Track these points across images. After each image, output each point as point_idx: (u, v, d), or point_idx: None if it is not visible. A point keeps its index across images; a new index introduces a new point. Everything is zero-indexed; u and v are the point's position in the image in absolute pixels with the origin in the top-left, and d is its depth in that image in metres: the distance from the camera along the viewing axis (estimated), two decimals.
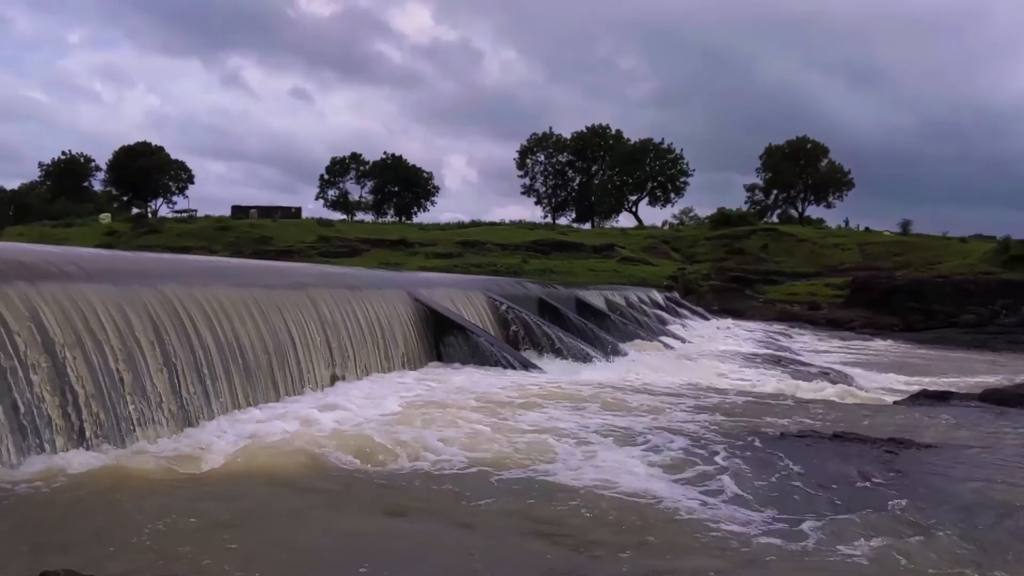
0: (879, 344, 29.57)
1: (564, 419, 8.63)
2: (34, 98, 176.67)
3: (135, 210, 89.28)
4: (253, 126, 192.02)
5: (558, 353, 15.04)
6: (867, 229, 72.99)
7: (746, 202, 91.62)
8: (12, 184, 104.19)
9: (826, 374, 15.30)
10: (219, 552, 4.29)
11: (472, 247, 61.18)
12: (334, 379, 10.35)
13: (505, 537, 4.89)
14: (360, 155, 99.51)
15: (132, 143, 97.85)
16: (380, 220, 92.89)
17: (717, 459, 6.97)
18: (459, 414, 8.56)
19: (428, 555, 4.60)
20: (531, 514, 5.32)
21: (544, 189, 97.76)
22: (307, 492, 5.68)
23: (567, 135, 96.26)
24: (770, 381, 14.02)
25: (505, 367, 12.74)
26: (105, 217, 76.85)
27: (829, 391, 12.66)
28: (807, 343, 28.25)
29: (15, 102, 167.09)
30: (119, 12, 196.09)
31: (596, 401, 10.03)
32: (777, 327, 35.91)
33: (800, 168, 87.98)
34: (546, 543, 4.77)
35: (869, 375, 16.82)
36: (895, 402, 11.71)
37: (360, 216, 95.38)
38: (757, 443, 7.68)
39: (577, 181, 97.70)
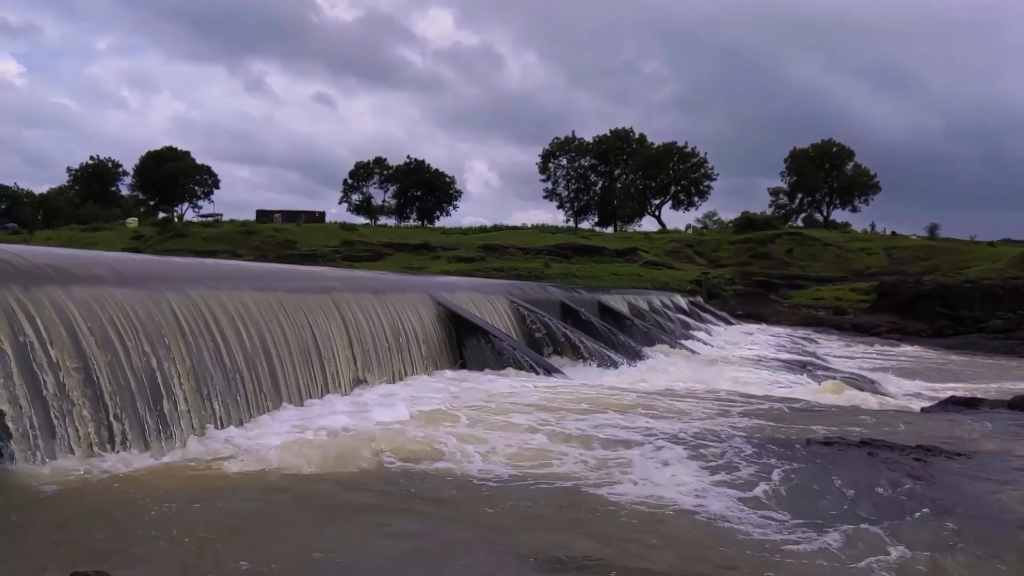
0: (906, 350, 29.24)
1: (590, 424, 8.59)
2: (63, 104, 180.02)
3: (161, 214, 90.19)
4: (277, 131, 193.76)
5: (581, 358, 14.99)
6: (893, 233, 72.31)
7: (770, 206, 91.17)
8: (41, 189, 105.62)
9: (852, 380, 15.12)
10: (248, 555, 4.31)
11: (494, 251, 61.25)
12: (358, 382, 10.40)
13: (536, 544, 4.87)
14: (384, 160, 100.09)
15: (158, 148, 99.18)
16: (403, 224, 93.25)
17: (742, 466, 6.90)
18: (487, 418, 8.56)
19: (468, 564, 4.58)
20: (554, 516, 5.31)
21: (566, 193, 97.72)
22: (335, 495, 5.68)
23: (589, 139, 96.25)
24: (796, 387, 13.90)
25: (528, 372, 12.71)
26: (132, 221, 77.77)
27: (855, 397, 12.52)
28: (833, 348, 27.97)
29: (44, 108, 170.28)
30: (146, 19, 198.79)
31: (619, 406, 9.99)
32: (802, 332, 35.60)
33: (825, 171, 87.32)
34: (568, 547, 4.75)
35: (896, 381, 16.62)
36: (923, 409, 11.56)
37: (383, 220, 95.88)
38: (783, 450, 7.60)
39: (599, 185, 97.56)
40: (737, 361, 18.52)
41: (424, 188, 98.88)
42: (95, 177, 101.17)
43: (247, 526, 4.81)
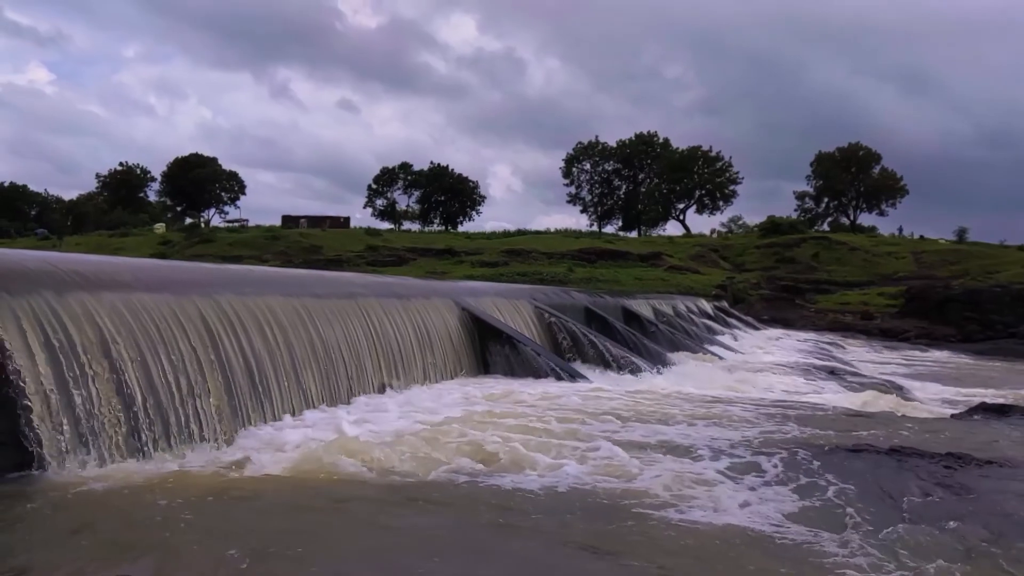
0: (935, 355, 28.88)
1: (618, 431, 8.56)
2: (91, 111, 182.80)
3: (188, 220, 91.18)
4: (302, 137, 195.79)
5: (605, 364, 14.92)
6: (921, 237, 71.53)
7: (796, 210, 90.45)
8: (70, 195, 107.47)
9: (881, 386, 14.96)
10: (280, 560, 4.33)
11: (517, 256, 61.28)
12: (383, 387, 10.45)
13: (560, 549, 4.86)
14: (410, 165, 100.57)
15: (186, 155, 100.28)
16: (426, 229, 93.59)
17: (769, 473, 6.85)
18: (514, 423, 8.56)
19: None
20: (583, 526, 5.29)
21: (590, 197, 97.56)
22: (364, 500, 5.69)
23: (612, 144, 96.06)
24: (823, 393, 13.78)
25: (552, 377, 12.68)
26: (160, 227, 78.72)
27: (884, 403, 12.38)
28: (860, 354, 27.68)
29: (74, 116, 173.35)
30: (173, 27, 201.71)
31: (645, 413, 9.94)
32: (829, 337, 35.25)
33: (852, 175, 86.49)
34: (596, 555, 4.73)
35: (925, 387, 16.42)
36: (953, 415, 11.40)
37: (407, 225, 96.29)
38: (811, 457, 7.52)
39: (623, 189, 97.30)
40: (763, 367, 18.37)
41: (448, 193, 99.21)
42: (123, 183, 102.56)
43: (278, 531, 4.83)
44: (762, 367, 18.28)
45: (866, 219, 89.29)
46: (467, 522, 5.34)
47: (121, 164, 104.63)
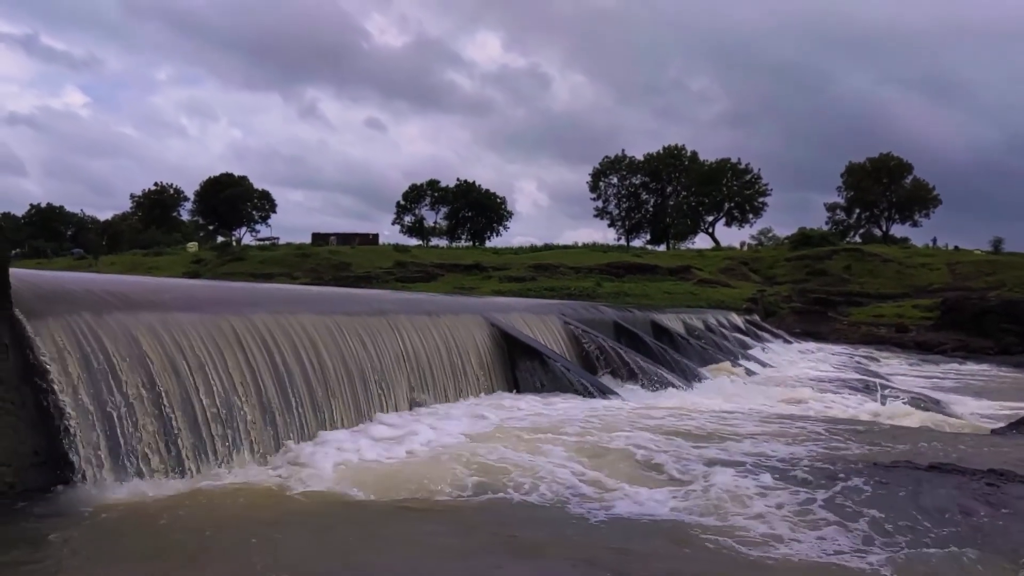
0: (972, 368, 28.36)
1: (654, 448, 8.49)
2: (125, 133, 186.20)
3: (220, 238, 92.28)
4: (330, 156, 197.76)
5: (636, 379, 14.81)
6: (956, 248, 70.45)
7: (827, 222, 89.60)
8: (105, 215, 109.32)
9: (918, 400, 14.73)
10: None
11: (545, 270, 61.22)
12: (414, 404, 10.46)
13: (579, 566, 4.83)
14: (437, 181, 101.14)
15: (217, 174, 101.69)
16: (454, 245, 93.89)
17: (805, 491, 6.75)
18: (546, 438, 8.54)
19: None
20: (604, 543, 5.25)
21: (617, 211, 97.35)
22: (397, 517, 5.69)
23: (639, 157, 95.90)
24: (859, 408, 13.57)
25: (583, 394, 12.61)
26: (192, 246, 79.70)
27: (922, 418, 12.19)
28: (895, 367, 27.28)
29: (108, 138, 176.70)
30: (203, 50, 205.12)
31: (675, 429, 9.86)
32: (863, 351, 34.79)
33: (883, 186, 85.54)
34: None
35: (963, 401, 16.15)
36: (993, 430, 11.18)
37: (435, 241, 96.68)
38: (849, 474, 7.41)
39: (651, 203, 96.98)
40: (797, 381, 18.16)
41: (475, 209, 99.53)
42: (157, 203, 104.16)
43: (312, 549, 4.85)
44: (795, 382, 18.07)
45: (899, 230, 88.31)
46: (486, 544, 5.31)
47: (156, 184, 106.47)
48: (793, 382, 17.98)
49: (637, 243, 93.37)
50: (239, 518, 5.36)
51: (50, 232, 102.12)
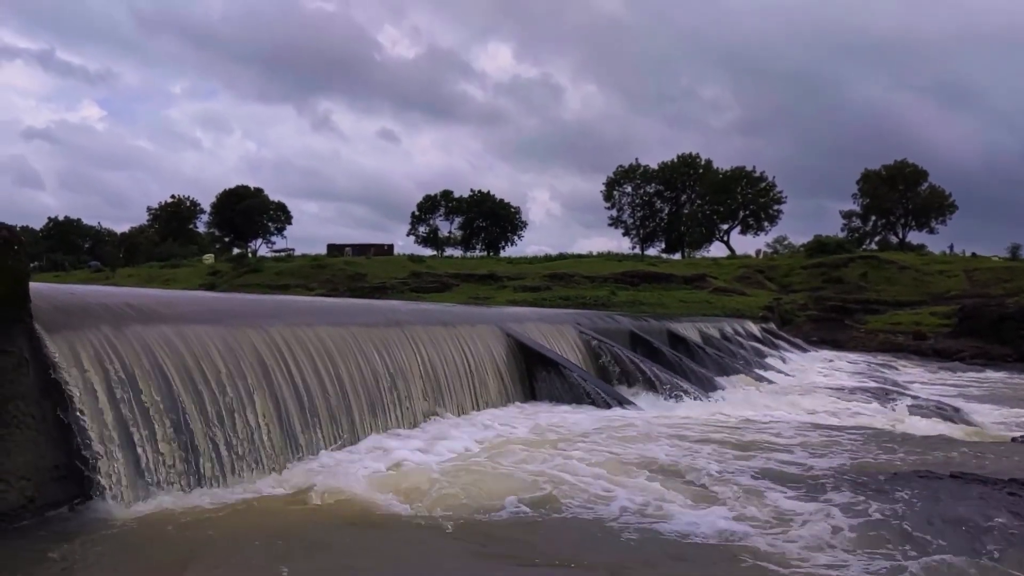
0: (992, 376, 28.05)
1: (674, 459, 8.44)
2: (141, 146, 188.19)
3: (236, 250, 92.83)
4: (344, 167, 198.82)
5: (653, 389, 14.75)
6: (973, 255, 69.90)
7: (843, 229, 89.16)
8: (122, 228, 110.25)
9: (938, 408, 14.57)
10: None
11: (560, 280, 61.11)
12: (432, 415, 10.45)
13: None
14: (451, 192, 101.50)
15: (233, 186, 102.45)
16: (468, 255, 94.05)
17: (827, 501, 6.69)
18: (570, 449, 8.51)
19: None
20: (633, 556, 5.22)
21: (632, 220, 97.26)
22: (424, 530, 5.66)
23: (653, 166, 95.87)
24: (878, 416, 13.45)
25: (600, 405, 12.56)
26: (208, 258, 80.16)
27: (942, 427, 12.07)
28: (914, 375, 27.03)
29: (124, 151, 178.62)
30: (218, 63, 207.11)
31: (697, 439, 9.81)
32: (881, 358, 34.51)
33: (899, 193, 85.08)
34: None
35: (984, 409, 15.95)
36: (1014, 439, 11.05)
37: (449, 251, 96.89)
38: (870, 483, 7.35)
39: (666, 211, 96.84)
40: (815, 390, 18.02)
41: (490, 219, 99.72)
42: (174, 215, 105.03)
43: (338, 564, 4.84)
44: (813, 390, 17.93)
45: (915, 237, 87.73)
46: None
47: (173, 196, 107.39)
48: (811, 391, 17.85)
49: (652, 252, 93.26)
50: (258, 530, 5.37)
51: (68, 245, 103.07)
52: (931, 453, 9.38)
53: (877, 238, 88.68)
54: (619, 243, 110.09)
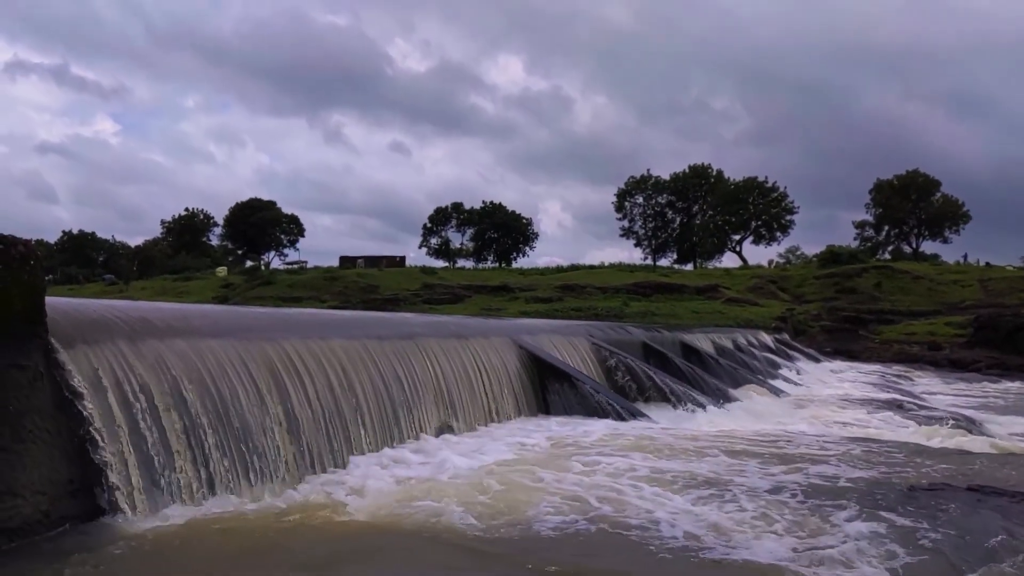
0: (1009, 386, 27.80)
1: (690, 472, 8.40)
2: (154, 160, 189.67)
3: (249, 263, 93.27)
4: (356, 180, 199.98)
5: (667, 401, 14.68)
6: (988, 264, 69.51)
7: (855, 238, 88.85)
8: (135, 241, 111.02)
9: (954, 420, 14.44)
10: None
11: (572, 291, 61.04)
12: (445, 428, 10.43)
13: None
14: (461, 204, 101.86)
15: (246, 199, 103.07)
16: (480, 266, 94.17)
17: (841, 516, 6.63)
18: (585, 467, 8.46)
19: None
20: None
21: (644, 231, 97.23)
22: (440, 547, 5.62)
23: (664, 176, 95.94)
24: (893, 428, 13.35)
25: (614, 417, 12.49)
26: (222, 270, 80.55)
27: (959, 439, 11.95)
28: (930, 386, 26.82)
29: (137, 165, 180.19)
30: (230, 77, 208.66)
31: (716, 453, 9.74)
32: (896, 369, 34.29)
33: (912, 202, 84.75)
34: None
35: (1001, 420, 15.81)
36: None
37: (461, 263, 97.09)
38: (886, 497, 7.28)
39: (677, 222, 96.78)
40: (829, 401, 17.92)
41: (501, 230, 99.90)
42: (187, 228, 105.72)
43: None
44: (828, 402, 17.82)
45: (929, 247, 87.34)
46: None
47: (186, 209, 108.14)
48: (825, 402, 17.74)
49: (664, 262, 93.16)
50: (275, 544, 5.37)
51: (82, 258, 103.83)
52: (947, 465, 9.29)
53: (890, 248, 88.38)
54: (630, 254, 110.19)
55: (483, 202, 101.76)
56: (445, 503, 6.58)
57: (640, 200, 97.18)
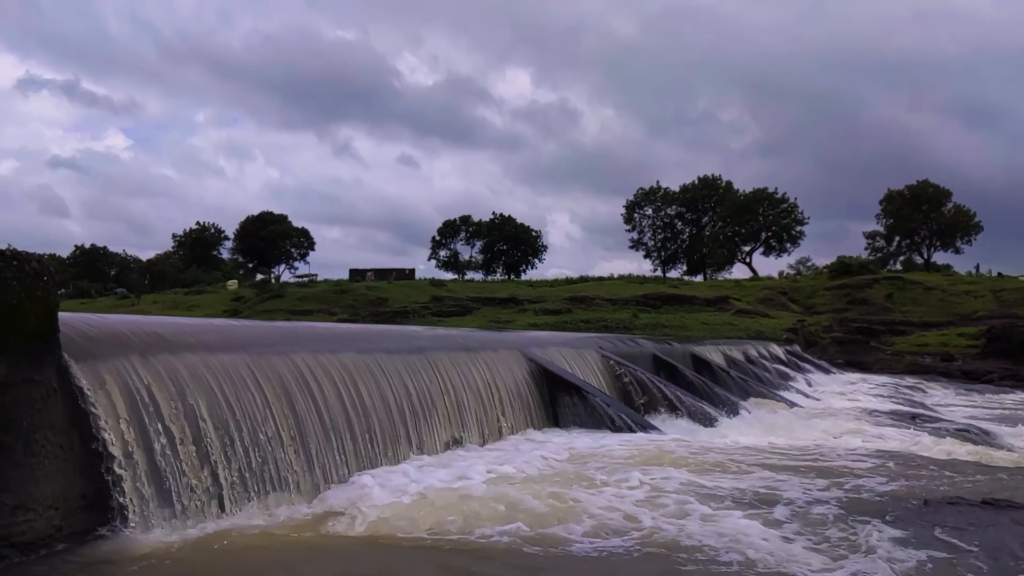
0: (1022, 397, 27.59)
1: (703, 486, 8.36)
2: (165, 174, 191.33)
3: (259, 276, 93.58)
4: (365, 193, 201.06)
5: (677, 413, 14.61)
6: (1000, 275, 69.03)
7: (866, 249, 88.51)
8: (146, 255, 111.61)
9: (968, 432, 14.32)
10: None
11: (581, 303, 60.92)
12: (456, 442, 10.42)
13: None
14: (470, 217, 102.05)
15: (256, 213, 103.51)
16: (489, 279, 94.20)
17: (855, 530, 6.58)
18: (604, 477, 8.45)
19: None
20: None
21: (653, 243, 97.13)
22: (458, 557, 5.60)
23: (673, 188, 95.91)
24: (906, 441, 13.24)
25: (624, 431, 12.45)
26: (232, 284, 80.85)
27: (973, 451, 11.85)
28: (943, 398, 26.64)
29: (148, 179, 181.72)
30: (240, 92, 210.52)
31: (725, 466, 9.69)
32: (908, 380, 34.04)
33: (923, 213, 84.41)
34: None
35: (1015, 432, 15.66)
36: None
37: (470, 275, 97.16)
38: (900, 511, 7.22)
39: (687, 233, 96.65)
40: (841, 413, 17.79)
41: (510, 242, 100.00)
42: (198, 242, 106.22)
43: None
44: (840, 414, 17.70)
45: (940, 257, 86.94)
46: None
47: (197, 223, 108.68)
48: (837, 414, 17.62)
49: (673, 274, 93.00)
50: (287, 557, 5.37)
51: (94, 272, 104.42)
52: (962, 479, 9.21)
53: (902, 258, 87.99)
54: (640, 265, 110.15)
55: (492, 214, 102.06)
56: (458, 518, 6.55)
57: (649, 211, 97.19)
